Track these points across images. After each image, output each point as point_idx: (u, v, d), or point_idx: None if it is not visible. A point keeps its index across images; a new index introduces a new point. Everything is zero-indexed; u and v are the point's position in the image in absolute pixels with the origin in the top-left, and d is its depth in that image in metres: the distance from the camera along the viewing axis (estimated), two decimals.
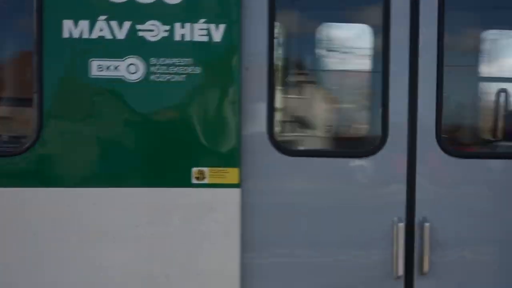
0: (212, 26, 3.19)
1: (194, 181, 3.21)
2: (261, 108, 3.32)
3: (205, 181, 3.21)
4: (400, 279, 3.43)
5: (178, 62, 3.18)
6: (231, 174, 3.23)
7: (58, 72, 3.12)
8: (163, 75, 3.17)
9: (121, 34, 3.14)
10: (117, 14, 3.13)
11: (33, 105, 3.15)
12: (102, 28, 3.13)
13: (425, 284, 3.44)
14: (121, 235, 3.18)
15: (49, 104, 3.11)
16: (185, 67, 3.18)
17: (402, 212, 3.40)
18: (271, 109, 3.33)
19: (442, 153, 3.38)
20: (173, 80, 3.17)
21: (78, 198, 3.14)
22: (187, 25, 3.18)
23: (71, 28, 3.11)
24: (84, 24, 3.11)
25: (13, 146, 3.23)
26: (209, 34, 3.19)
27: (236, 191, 3.23)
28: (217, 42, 3.20)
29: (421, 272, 3.40)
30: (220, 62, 3.21)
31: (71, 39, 3.11)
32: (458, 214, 3.41)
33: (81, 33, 3.11)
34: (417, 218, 3.40)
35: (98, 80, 3.13)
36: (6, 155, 3.15)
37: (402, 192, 3.40)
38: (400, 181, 3.39)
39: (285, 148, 3.38)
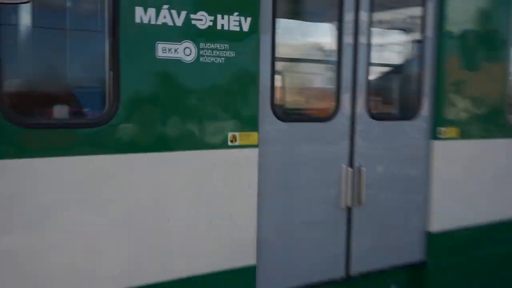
0: (242, 18, 3.97)
1: (229, 143, 4.00)
2: (267, 85, 4.23)
3: (236, 143, 4.03)
4: (345, 209, 4.77)
5: (219, 47, 3.89)
6: (253, 137, 4.10)
7: (132, 52, 3.56)
8: (209, 57, 3.85)
9: (179, 21, 3.72)
10: (176, 4, 3.69)
11: (108, 81, 3.54)
12: (165, 16, 3.66)
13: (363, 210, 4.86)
14: (178, 191, 3.81)
15: (125, 81, 3.54)
16: (224, 51, 3.91)
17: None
18: (272, 86, 4.27)
19: None
20: (216, 62, 3.87)
21: (148, 162, 3.67)
22: (226, 16, 3.90)
23: (141, 14, 3.57)
24: (151, 11, 3.60)
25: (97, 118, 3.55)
26: (240, 25, 3.97)
27: (256, 150, 4.13)
28: (245, 31, 3.99)
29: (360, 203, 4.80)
30: (247, 47, 4.01)
31: (141, 24, 3.57)
32: None
33: (149, 19, 3.60)
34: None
35: (163, 60, 3.67)
36: (89, 126, 3.49)
37: None
38: None
39: (280, 116, 4.36)
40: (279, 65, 4.39)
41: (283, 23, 4.37)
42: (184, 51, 3.75)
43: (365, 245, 4.92)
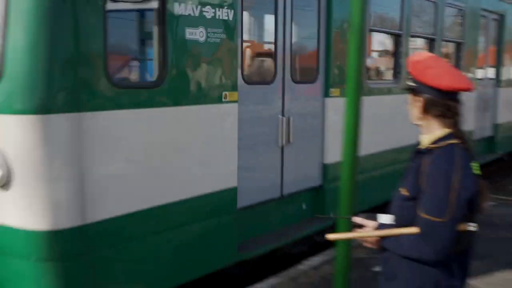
0: (229, 11, 5.60)
1: (223, 100, 5.63)
2: (240, 58, 5.91)
3: (227, 99, 5.67)
4: (280, 147, 6.66)
5: (218, 31, 5.48)
6: (235, 95, 5.78)
7: (174, 35, 5.00)
8: (212, 38, 5.42)
9: (196, 12, 5.23)
10: (195, 0, 5.21)
11: (158, 55, 4.95)
12: (190, 9, 5.15)
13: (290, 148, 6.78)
14: (195, 133, 5.37)
15: (170, 55, 4.99)
16: (220, 34, 5.51)
17: None
18: (242, 58, 5.96)
19: None
20: (216, 41, 5.47)
21: (182, 112, 5.16)
22: (221, 9, 5.49)
23: (177, 7, 5.03)
24: (183, 5, 5.08)
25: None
26: (228, 15, 5.59)
27: (236, 105, 5.81)
28: (230, 20, 5.63)
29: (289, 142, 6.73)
30: (231, 31, 5.65)
31: (178, 15, 5.04)
32: None
33: (182, 11, 5.07)
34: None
35: (189, 40, 5.17)
36: (149, 87, 4.89)
37: None
38: None
39: (246, 80, 6.08)
40: (244, 44, 6.07)
41: (245, 15, 6.05)
42: (199, 34, 5.28)
43: (291, 173, 6.89)
